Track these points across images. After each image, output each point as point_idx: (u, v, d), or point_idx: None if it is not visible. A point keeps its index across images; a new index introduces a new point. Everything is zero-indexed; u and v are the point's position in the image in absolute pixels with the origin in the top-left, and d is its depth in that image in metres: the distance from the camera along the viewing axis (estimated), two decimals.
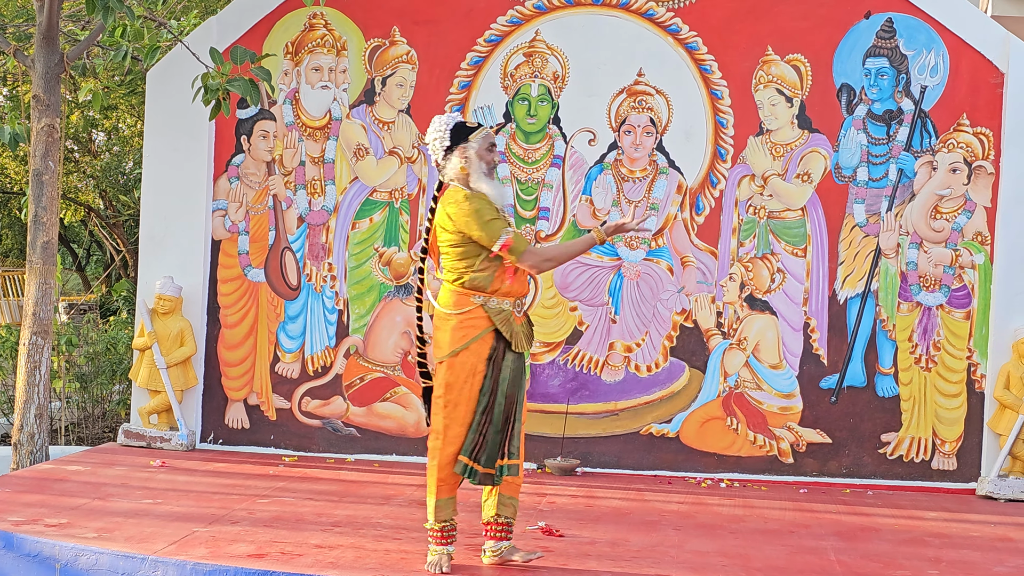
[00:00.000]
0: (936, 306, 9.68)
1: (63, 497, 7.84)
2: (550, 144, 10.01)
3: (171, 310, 10.09)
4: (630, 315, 9.92)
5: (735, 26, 9.85)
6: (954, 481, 9.65)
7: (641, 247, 9.90)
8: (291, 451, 10.21)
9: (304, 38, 10.22)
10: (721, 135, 9.86)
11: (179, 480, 8.73)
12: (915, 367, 9.69)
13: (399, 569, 6.32)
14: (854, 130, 9.74)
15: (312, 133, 10.22)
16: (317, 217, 10.21)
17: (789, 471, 9.78)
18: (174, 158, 10.26)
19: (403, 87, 10.15)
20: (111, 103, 15.13)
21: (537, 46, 10.03)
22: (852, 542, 7.58)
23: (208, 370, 10.30)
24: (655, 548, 7.15)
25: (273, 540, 6.85)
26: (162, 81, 10.24)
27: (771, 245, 9.81)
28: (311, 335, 10.23)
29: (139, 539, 6.70)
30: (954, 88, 9.68)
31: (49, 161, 9.46)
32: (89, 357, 12.54)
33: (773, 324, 9.81)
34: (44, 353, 9.47)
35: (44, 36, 9.44)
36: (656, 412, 9.92)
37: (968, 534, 8.00)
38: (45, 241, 9.45)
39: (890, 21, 9.72)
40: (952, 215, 9.65)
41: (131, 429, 10.10)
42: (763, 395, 9.80)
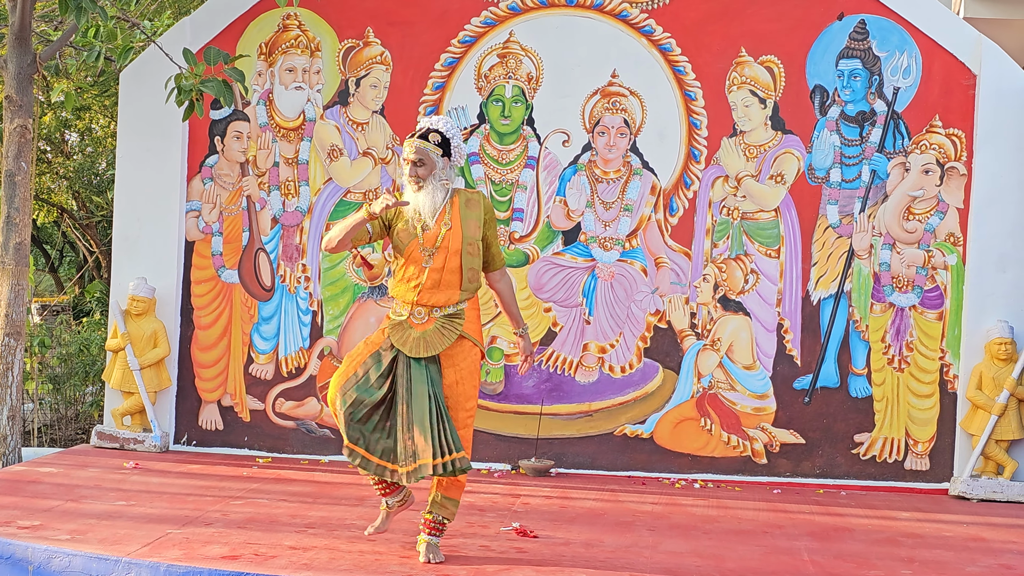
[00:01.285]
0: (909, 307, 9.72)
1: (36, 499, 7.81)
2: (524, 145, 10.02)
3: (144, 311, 10.06)
4: (604, 316, 9.93)
5: (709, 27, 9.87)
6: (927, 481, 9.68)
7: (615, 248, 9.91)
8: (265, 452, 10.19)
9: (278, 39, 10.21)
10: (695, 136, 9.88)
11: (153, 482, 8.70)
12: (888, 368, 9.73)
13: (373, 570, 6.32)
14: (827, 131, 9.77)
15: (286, 134, 10.20)
16: (291, 218, 10.19)
17: (763, 472, 9.80)
18: (147, 159, 10.23)
19: (377, 88, 10.14)
20: (84, 104, 15.07)
21: (511, 47, 10.03)
22: (825, 542, 7.60)
23: (182, 371, 10.28)
24: (629, 549, 7.16)
25: (247, 541, 6.84)
26: (135, 82, 10.21)
27: (745, 246, 9.83)
28: (285, 336, 10.21)
29: (112, 541, 6.68)
30: (927, 90, 9.71)
31: (22, 162, 9.43)
32: (62, 358, 12.50)
33: (747, 325, 9.83)
34: (17, 355, 9.44)
35: (16, 36, 9.40)
36: (630, 413, 9.93)
37: (941, 534, 8.03)
38: (18, 242, 9.42)
39: (863, 23, 9.75)
40: (925, 216, 9.69)
41: (104, 431, 10.07)
42: (737, 396, 9.82)
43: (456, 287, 6.56)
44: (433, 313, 6.54)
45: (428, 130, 6.58)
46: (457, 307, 6.58)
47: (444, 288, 6.54)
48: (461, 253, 6.55)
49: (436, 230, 6.55)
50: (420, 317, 6.54)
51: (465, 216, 6.60)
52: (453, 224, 6.57)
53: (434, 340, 6.52)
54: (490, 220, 6.69)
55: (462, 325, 6.56)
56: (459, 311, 6.58)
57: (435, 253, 6.52)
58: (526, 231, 9.98)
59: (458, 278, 6.56)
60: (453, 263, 6.54)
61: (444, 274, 6.53)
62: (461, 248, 6.55)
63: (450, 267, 6.53)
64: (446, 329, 6.53)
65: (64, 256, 26.38)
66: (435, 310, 6.54)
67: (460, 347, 6.58)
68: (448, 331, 6.53)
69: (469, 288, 6.59)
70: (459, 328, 6.55)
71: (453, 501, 6.64)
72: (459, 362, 6.57)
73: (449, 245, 6.53)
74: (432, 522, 6.64)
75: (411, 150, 6.56)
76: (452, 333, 6.53)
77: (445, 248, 6.53)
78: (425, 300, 6.53)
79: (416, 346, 6.50)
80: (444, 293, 6.54)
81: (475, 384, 6.63)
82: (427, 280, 6.52)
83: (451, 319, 6.56)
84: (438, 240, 6.53)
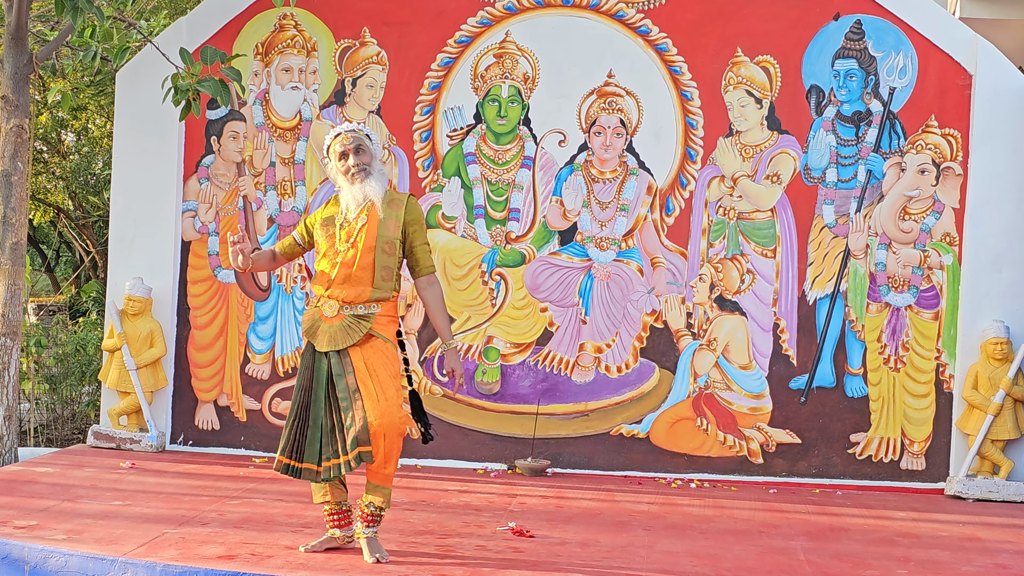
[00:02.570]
0: (905, 307, 9.73)
1: (32, 499, 7.81)
2: (520, 145, 10.02)
3: (141, 311, 10.06)
4: (600, 316, 9.94)
5: (705, 28, 9.88)
6: (923, 481, 9.69)
7: (611, 248, 9.92)
8: (261, 452, 10.19)
9: (274, 39, 10.21)
10: (691, 136, 9.89)
11: (149, 482, 8.70)
12: (884, 368, 9.73)
13: (368, 570, 6.31)
14: (823, 131, 9.78)
15: (282, 134, 10.21)
16: (287, 218, 10.20)
17: (759, 471, 9.81)
18: (144, 159, 10.23)
19: (373, 88, 10.14)
20: (80, 104, 15.07)
21: (507, 47, 10.04)
22: (821, 542, 7.60)
23: (178, 371, 10.28)
24: (625, 549, 7.16)
25: (243, 541, 6.84)
26: (132, 82, 10.21)
27: (741, 246, 9.83)
28: (281, 336, 10.22)
29: (109, 541, 6.68)
30: (923, 90, 9.72)
31: (18, 162, 9.43)
32: (58, 358, 12.50)
33: (743, 325, 9.83)
34: (13, 354, 9.44)
35: (13, 36, 9.41)
36: (626, 413, 9.94)
37: (937, 534, 8.03)
38: (14, 242, 9.42)
39: (859, 23, 9.75)
40: (920, 216, 9.70)
41: (101, 431, 10.06)
42: (733, 395, 9.83)
43: (367, 284, 6.51)
44: (343, 310, 6.52)
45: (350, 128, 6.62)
46: (368, 308, 6.53)
47: (355, 284, 6.51)
48: (375, 250, 6.51)
49: (352, 226, 6.55)
50: (331, 310, 6.53)
51: (385, 214, 6.57)
52: (370, 220, 6.54)
53: (339, 336, 6.51)
54: (413, 222, 6.62)
55: (369, 327, 6.52)
56: (369, 314, 6.53)
57: (348, 248, 6.51)
58: (522, 231, 9.98)
59: (370, 275, 6.51)
60: (366, 259, 6.50)
61: (355, 270, 6.49)
62: (375, 245, 6.51)
63: (362, 263, 6.49)
64: (351, 329, 6.50)
65: (60, 256, 26.37)
66: (345, 306, 6.51)
67: (370, 343, 6.52)
68: (354, 330, 6.50)
69: (382, 287, 6.55)
70: (365, 329, 6.50)
71: (381, 488, 6.54)
72: (370, 355, 6.50)
73: (362, 241, 6.51)
74: (364, 511, 6.59)
75: (347, 140, 6.56)
76: (357, 333, 6.49)
77: (357, 244, 6.51)
78: (336, 294, 6.51)
79: (323, 339, 6.51)
80: (354, 289, 6.51)
81: (391, 374, 6.49)
82: (338, 274, 6.50)
83: (359, 320, 6.52)
84: (352, 235, 6.52)
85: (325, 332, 6.52)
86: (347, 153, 6.55)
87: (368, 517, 6.59)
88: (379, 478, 6.52)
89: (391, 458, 6.45)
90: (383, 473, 6.49)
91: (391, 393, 6.44)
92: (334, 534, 6.72)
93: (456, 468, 9.82)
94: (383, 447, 6.39)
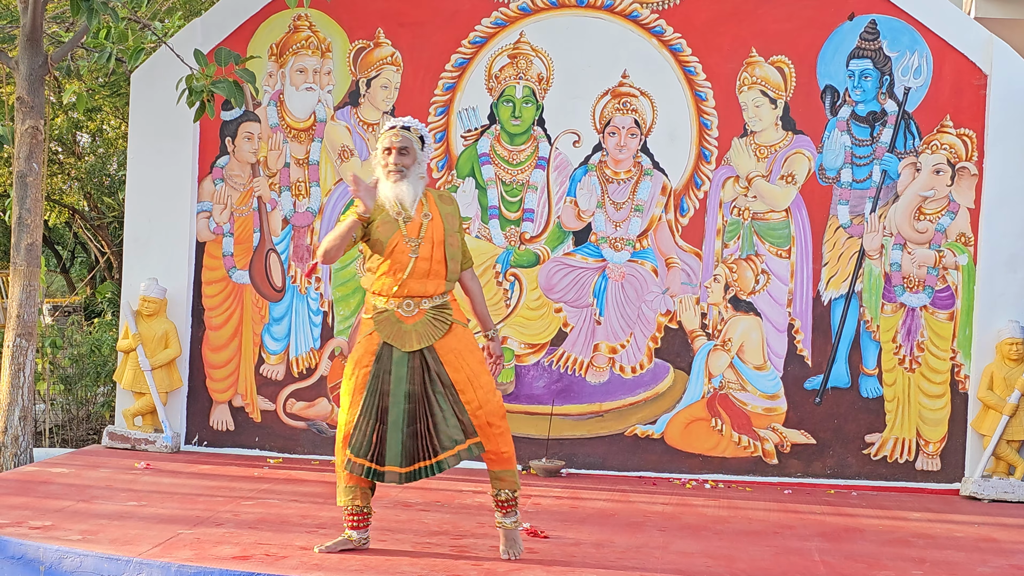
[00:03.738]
0: (920, 307, 9.71)
1: (47, 499, 7.83)
2: (535, 146, 10.02)
3: (155, 312, 10.08)
4: (615, 316, 9.93)
5: (719, 28, 9.87)
6: (938, 482, 9.67)
7: (626, 249, 9.91)
8: (276, 453, 10.20)
9: (288, 40, 10.22)
10: (705, 136, 9.88)
11: (164, 482, 8.71)
12: (899, 368, 9.72)
13: (383, 571, 6.32)
14: (838, 131, 9.76)
15: (297, 135, 10.22)
16: (302, 219, 10.21)
17: (773, 472, 9.79)
18: (158, 160, 10.25)
19: (388, 89, 10.15)
20: (95, 105, 15.10)
21: (522, 48, 10.04)
22: (836, 543, 7.59)
23: (193, 372, 10.29)
24: (640, 549, 7.15)
25: (258, 542, 6.84)
26: (146, 83, 10.23)
27: (755, 246, 9.82)
28: (296, 337, 10.22)
29: (123, 541, 6.69)
30: (937, 90, 9.70)
31: (33, 163, 9.45)
32: (73, 359, 12.52)
33: (757, 325, 9.82)
34: (28, 355, 9.46)
35: (28, 38, 9.42)
36: (641, 413, 9.93)
37: (952, 534, 8.02)
38: (29, 243, 9.43)
39: (874, 23, 9.74)
40: (936, 216, 9.68)
41: (115, 431, 10.08)
42: (747, 396, 9.82)
43: (442, 277, 6.60)
44: (422, 304, 6.56)
45: (408, 124, 6.64)
46: (443, 298, 6.62)
47: (432, 277, 6.57)
48: (444, 243, 6.60)
49: (418, 220, 6.58)
50: (409, 309, 6.56)
51: (443, 209, 6.67)
52: (433, 215, 6.62)
53: (426, 332, 6.55)
54: (459, 218, 6.77)
55: (451, 315, 6.61)
56: (446, 302, 6.63)
57: (421, 243, 6.55)
58: (537, 231, 9.98)
59: (443, 268, 6.60)
60: (439, 253, 6.58)
61: (432, 263, 6.56)
62: (444, 239, 6.60)
63: (436, 256, 6.58)
64: (437, 320, 6.57)
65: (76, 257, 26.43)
66: (424, 301, 6.56)
67: (451, 331, 6.60)
68: (439, 322, 6.56)
69: (452, 279, 6.64)
70: (449, 318, 6.59)
71: (504, 472, 6.65)
72: (454, 345, 6.57)
73: (433, 235, 6.57)
74: (497, 500, 6.69)
75: (395, 138, 6.58)
76: (443, 324, 6.56)
77: (430, 238, 6.57)
78: (412, 291, 6.54)
79: (410, 340, 6.53)
80: (432, 282, 6.57)
81: (479, 359, 6.62)
82: (414, 269, 6.53)
83: (440, 310, 6.59)
84: (421, 230, 6.55)
85: (411, 332, 6.55)
86: (391, 150, 6.58)
87: (504, 504, 6.68)
88: (498, 463, 6.64)
89: (503, 439, 6.61)
90: (501, 456, 6.62)
91: (484, 379, 6.58)
92: (351, 536, 6.74)
93: (471, 469, 9.79)
94: (491, 433, 6.55)
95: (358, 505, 6.71)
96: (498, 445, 6.59)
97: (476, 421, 6.52)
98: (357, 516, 6.74)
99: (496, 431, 6.57)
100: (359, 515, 6.74)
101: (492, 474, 6.67)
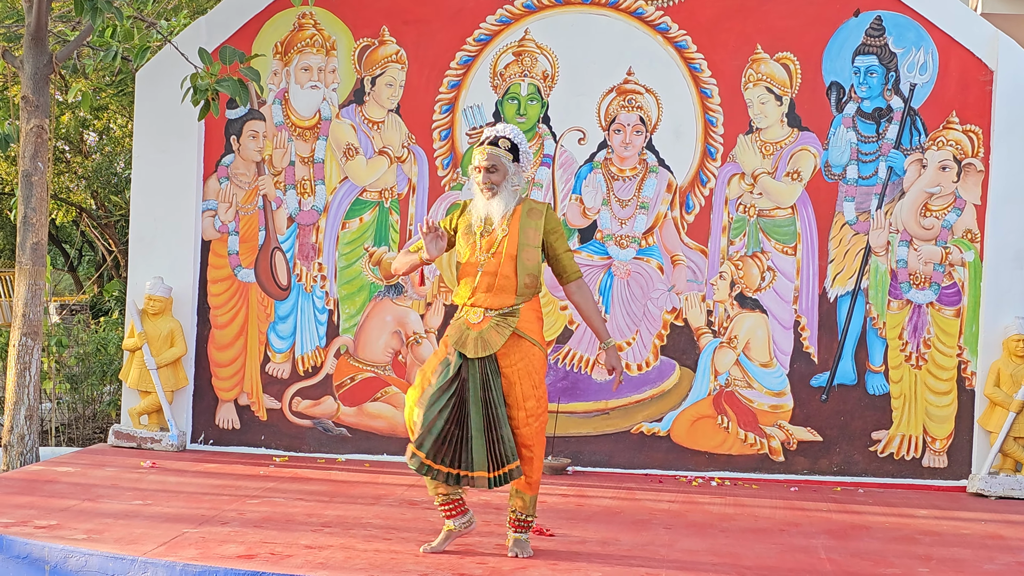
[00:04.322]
0: (926, 304, 9.69)
1: (53, 498, 7.83)
2: (540, 143, 10.01)
3: (161, 311, 10.08)
4: (620, 314, 9.92)
5: (724, 24, 9.85)
6: (945, 479, 9.66)
7: (631, 246, 9.90)
8: (281, 451, 10.20)
9: (293, 38, 10.21)
10: (711, 134, 9.87)
11: (169, 481, 8.72)
12: (905, 365, 9.70)
13: (389, 569, 6.32)
14: (844, 128, 9.75)
15: (302, 133, 10.21)
16: (307, 217, 10.20)
17: (780, 469, 9.78)
18: (163, 158, 10.24)
19: (392, 87, 10.14)
20: (101, 104, 15.11)
21: (527, 45, 10.03)
22: (843, 540, 7.58)
23: (198, 371, 10.29)
24: (646, 547, 7.15)
25: (263, 541, 6.84)
26: (151, 81, 10.22)
27: (761, 243, 9.81)
28: (301, 335, 10.22)
29: (129, 540, 6.69)
30: (943, 86, 9.68)
31: (38, 162, 9.45)
32: (80, 358, 12.53)
33: (763, 322, 9.81)
34: (34, 354, 9.46)
35: (33, 37, 9.42)
36: (647, 411, 9.92)
37: (959, 531, 8.01)
38: (34, 242, 9.44)
39: (879, 19, 9.72)
40: (942, 213, 9.66)
41: (121, 430, 10.09)
42: (754, 393, 9.80)
43: (511, 292, 6.65)
44: (488, 313, 6.62)
45: (498, 136, 6.66)
46: (512, 309, 6.65)
47: (498, 292, 6.63)
48: (516, 259, 6.63)
49: (494, 235, 6.65)
50: (476, 317, 6.64)
51: (524, 224, 6.69)
52: (511, 230, 6.66)
53: (491, 338, 6.60)
54: (553, 231, 6.74)
55: (516, 322, 6.63)
56: (514, 310, 6.65)
57: (491, 257, 6.62)
58: None
59: (513, 283, 6.64)
60: (507, 268, 6.62)
61: (498, 279, 6.62)
62: (516, 254, 6.63)
63: (504, 272, 6.62)
64: (500, 327, 6.61)
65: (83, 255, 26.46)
66: (489, 311, 6.63)
67: (518, 347, 6.64)
68: (502, 328, 6.61)
69: (525, 293, 6.67)
70: (513, 324, 6.61)
71: (525, 496, 6.74)
72: (516, 362, 6.63)
73: (504, 250, 6.62)
74: (512, 519, 6.82)
75: (483, 156, 6.65)
76: (506, 329, 6.60)
77: (500, 253, 6.62)
78: (480, 302, 6.63)
79: (474, 346, 6.60)
80: (499, 297, 6.64)
81: (534, 384, 6.66)
82: (480, 283, 6.64)
83: (505, 317, 6.63)
84: (495, 245, 6.61)
85: (474, 338, 6.61)
86: (480, 169, 6.65)
87: (518, 524, 6.82)
88: (523, 485, 6.72)
89: (532, 467, 6.68)
90: (526, 481, 6.70)
91: (531, 404, 6.62)
92: (450, 526, 6.81)
93: None
94: (524, 456, 6.64)
95: (443, 495, 6.75)
96: (529, 471, 6.67)
97: (516, 444, 6.61)
98: (445, 504, 6.78)
99: (527, 455, 6.64)
100: (449, 503, 6.77)
101: (514, 491, 6.76)
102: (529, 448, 6.62)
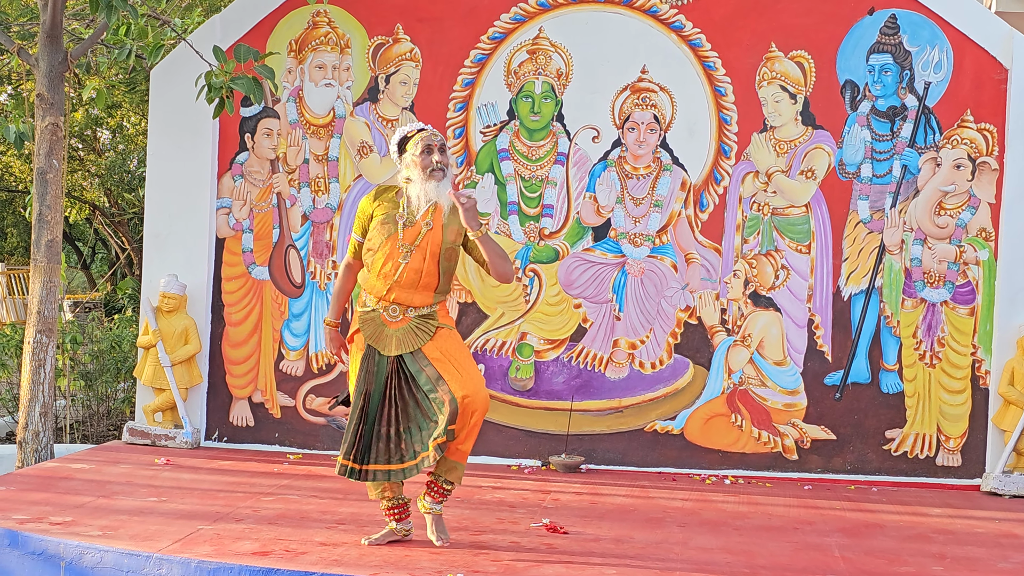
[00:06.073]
0: (940, 302, 9.68)
1: (68, 495, 7.85)
2: (554, 141, 10.01)
3: (175, 308, 10.09)
4: (634, 312, 9.92)
5: (738, 22, 9.85)
6: (959, 477, 9.64)
7: (645, 244, 9.90)
8: (295, 449, 10.21)
9: (308, 36, 10.22)
10: (725, 132, 9.86)
11: (184, 478, 8.73)
12: (919, 363, 9.69)
13: (402, 566, 6.32)
14: (858, 126, 9.74)
15: (316, 131, 10.22)
16: (321, 215, 10.21)
17: (793, 468, 9.78)
18: (178, 156, 10.26)
19: (407, 85, 10.15)
20: (115, 101, 15.14)
21: (541, 43, 10.03)
22: (856, 538, 7.58)
23: (212, 368, 10.31)
24: (659, 545, 7.15)
25: (277, 538, 6.85)
26: (166, 79, 10.24)
27: (775, 242, 9.80)
28: (315, 333, 10.23)
29: (144, 537, 6.71)
30: (958, 84, 9.67)
31: (53, 160, 9.47)
32: (94, 355, 12.55)
33: (777, 321, 9.80)
34: (49, 351, 9.48)
35: (48, 35, 9.45)
36: (660, 409, 9.92)
37: (973, 530, 7.99)
38: (49, 239, 9.46)
39: (894, 17, 9.71)
40: (956, 211, 9.65)
41: (136, 427, 10.11)
42: (767, 392, 9.80)
43: (432, 289, 6.60)
44: (408, 312, 6.57)
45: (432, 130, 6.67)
46: (431, 308, 6.61)
47: (420, 289, 6.57)
48: (439, 257, 6.57)
49: (417, 228, 6.56)
50: (394, 315, 6.57)
51: (448, 221, 6.61)
52: (435, 225, 6.57)
53: (408, 339, 6.55)
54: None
55: (436, 325, 6.60)
56: (433, 312, 6.61)
57: (413, 251, 6.54)
58: (556, 227, 9.97)
59: (435, 281, 6.59)
60: (431, 266, 6.56)
61: (422, 276, 6.55)
62: (440, 252, 6.57)
63: (428, 269, 6.55)
64: (420, 330, 6.57)
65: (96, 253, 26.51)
66: (410, 309, 6.57)
67: (437, 333, 6.59)
68: (423, 331, 6.56)
69: (443, 291, 6.63)
70: (433, 327, 6.58)
71: (457, 464, 6.66)
72: (440, 345, 6.56)
73: (428, 247, 6.55)
74: (436, 485, 6.72)
75: (436, 137, 6.59)
76: (426, 333, 6.56)
77: (423, 248, 6.55)
78: (399, 299, 6.55)
79: (390, 344, 6.56)
80: (420, 294, 6.57)
81: (466, 355, 6.59)
82: (402, 278, 6.54)
83: (425, 319, 6.58)
84: (417, 239, 6.54)
85: (392, 337, 6.57)
86: (433, 148, 6.56)
87: (438, 492, 6.73)
88: (456, 454, 6.62)
89: (471, 435, 6.56)
90: (460, 449, 6.60)
91: (473, 371, 6.53)
92: (394, 527, 6.81)
93: (490, 464, 9.82)
94: (467, 424, 6.48)
95: (388, 497, 6.75)
96: (467, 438, 6.56)
97: (461, 407, 6.42)
98: (395, 508, 6.78)
99: (472, 423, 6.49)
100: (396, 507, 6.79)
101: (446, 462, 6.64)
102: (476, 418, 6.46)
